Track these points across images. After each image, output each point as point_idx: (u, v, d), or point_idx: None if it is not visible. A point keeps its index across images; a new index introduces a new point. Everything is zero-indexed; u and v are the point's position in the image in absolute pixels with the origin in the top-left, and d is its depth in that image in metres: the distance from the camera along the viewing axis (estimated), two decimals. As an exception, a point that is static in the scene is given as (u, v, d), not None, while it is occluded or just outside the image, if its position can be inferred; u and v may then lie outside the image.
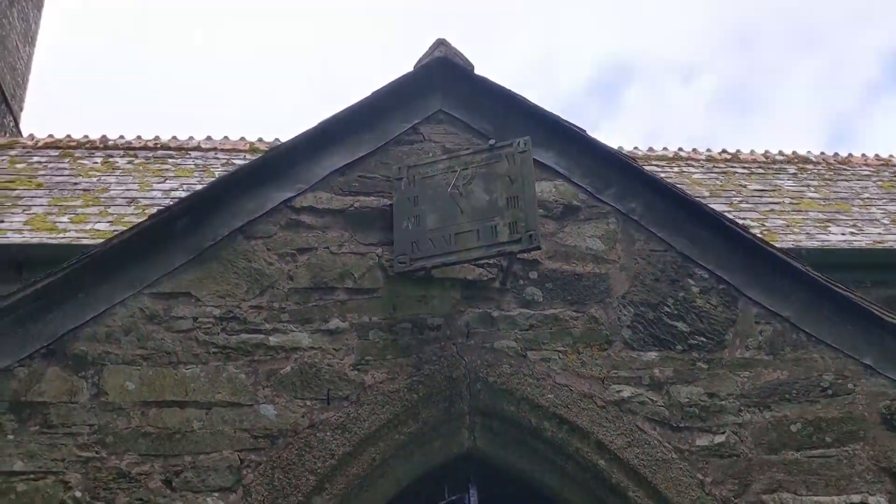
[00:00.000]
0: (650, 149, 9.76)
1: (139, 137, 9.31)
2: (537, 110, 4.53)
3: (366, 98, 4.47)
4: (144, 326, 3.87)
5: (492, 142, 4.20)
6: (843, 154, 10.06)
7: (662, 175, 8.68)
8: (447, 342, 4.00)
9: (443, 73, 4.56)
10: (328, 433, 3.77)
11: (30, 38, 16.05)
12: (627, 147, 9.76)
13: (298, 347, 3.92)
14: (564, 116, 4.52)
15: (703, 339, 4.13)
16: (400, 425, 3.87)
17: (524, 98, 4.57)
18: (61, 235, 6.66)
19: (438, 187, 4.13)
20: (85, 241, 6.46)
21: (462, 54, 4.64)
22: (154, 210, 7.49)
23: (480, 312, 4.08)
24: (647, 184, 4.45)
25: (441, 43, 4.59)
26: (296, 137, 4.46)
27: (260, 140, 9.82)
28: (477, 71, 4.58)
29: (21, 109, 15.39)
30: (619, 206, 4.36)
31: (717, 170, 9.23)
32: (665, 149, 9.74)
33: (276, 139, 9.91)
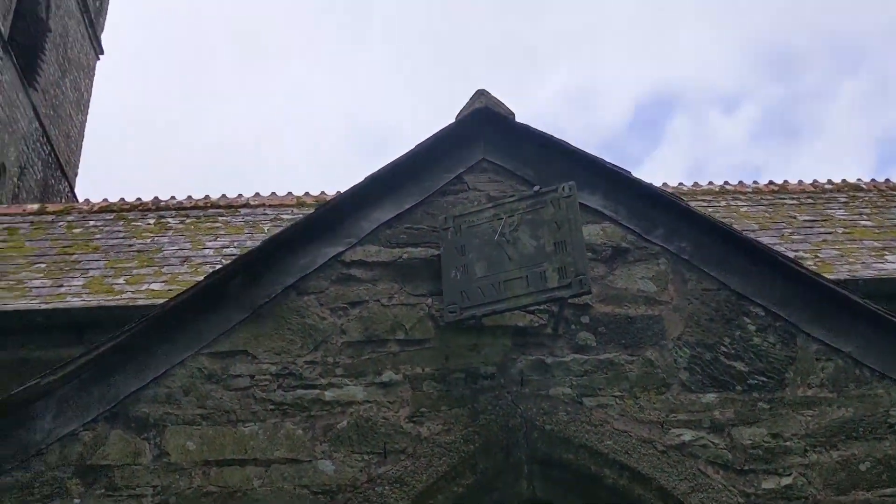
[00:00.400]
0: (695, 184, 9.70)
1: (190, 197, 9.56)
2: (580, 154, 4.55)
3: (410, 151, 4.54)
4: (203, 386, 3.93)
5: (536, 188, 4.22)
6: (895, 179, 9.87)
7: (710, 210, 8.61)
8: (501, 391, 3.99)
9: (484, 122, 4.62)
10: (386, 487, 3.76)
11: (82, 106, 16.70)
12: (672, 183, 9.72)
13: (353, 401, 3.94)
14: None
15: (762, 378, 4.04)
16: (458, 477, 3.85)
17: (566, 142, 4.60)
18: (118, 297, 6.82)
19: (485, 235, 4.15)
20: (141, 302, 6.62)
21: (502, 103, 4.69)
22: (207, 267, 7.66)
23: (533, 359, 4.06)
24: (695, 222, 4.42)
25: (482, 94, 4.66)
26: (343, 193, 4.55)
27: (306, 194, 10.01)
28: (516, 111, 4.63)
29: (76, 175, 15.97)
30: (669, 246, 4.33)
31: (765, 202, 9.11)
32: (711, 183, 9.66)
33: (322, 192, 10.11)
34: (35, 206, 9.52)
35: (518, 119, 4.67)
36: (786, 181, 9.68)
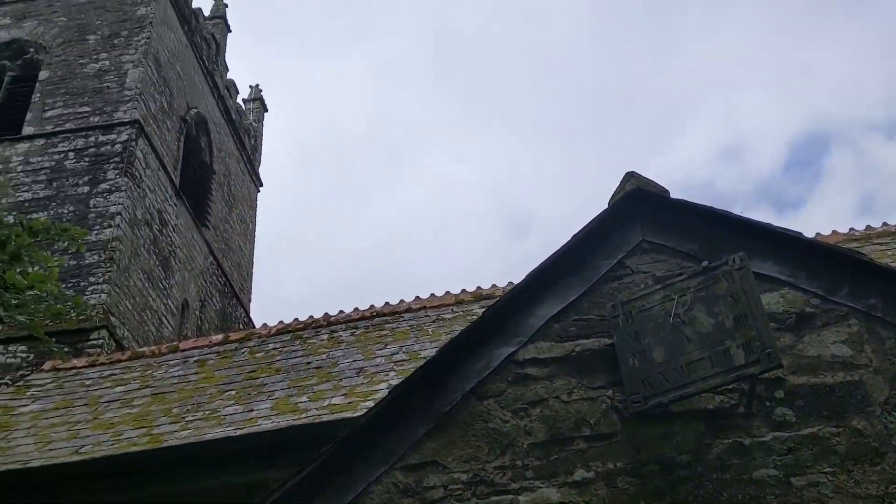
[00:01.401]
0: (868, 227, 9.11)
1: (356, 309, 9.97)
2: (743, 221, 4.42)
3: (567, 243, 4.57)
4: (400, 501, 4.01)
5: (705, 263, 4.12)
6: None
7: (889, 253, 8.04)
8: (701, 479, 3.81)
9: (638, 203, 4.59)
10: (595, 591, 3.64)
11: (248, 236, 18.03)
12: (842, 228, 9.20)
13: (549, 504, 3.89)
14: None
15: None
16: (668, 575, 3.68)
17: (727, 212, 4.49)
18: (304, 415, 7.11)
19: (658, 319, 4.07)
20: (325, 418, 6.87)
21: (654, 182, 4.67)
22: (381, 376, 7.90)
23: (730, 442, 3.87)
24: (881, 276, 4.15)
25: (632, 175, 4.65)
26: (508, 293, 4.62)
27: (463, 291, 10.21)
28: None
29: (249, 300, 17.10)
30: (858, 304, 4.07)
31: (951, 236, 8.41)
32: (885, 224, 9.05)
33: (478, 287, 10.28)
34: (219, 337, 10.20)
35: (671, 191, 4.62)
36: (972, 210, 8.91)
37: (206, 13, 19.01)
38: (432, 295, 10.34)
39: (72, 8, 15.87)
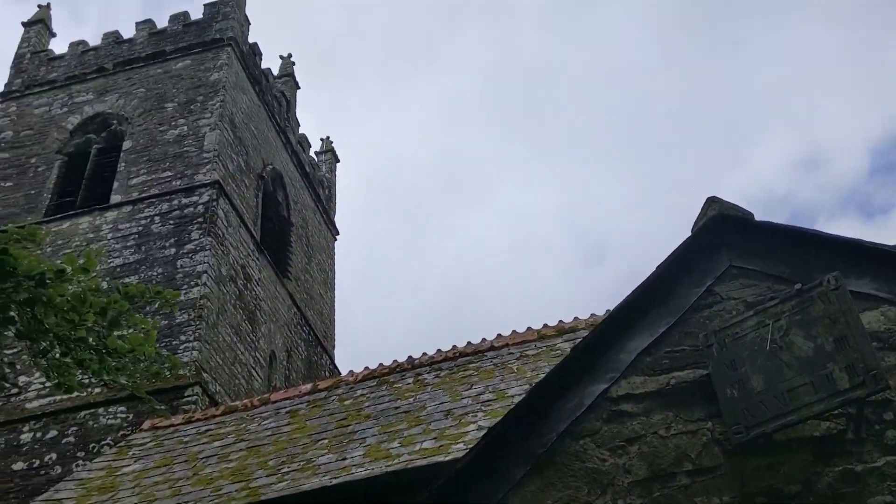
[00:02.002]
0: (966, 232, 8.69)
1: (439, 351, 9.99)
2: (835, 239, 4.29)
3: (652, 274, 4.51)
4: (502, 547, 3.98)
5: (798, 286, 4.01)
6: None
7: None
8: (814, 510, 3.67)
9: (723, 228, 4.51)
10: None
11: (328, 285, 18.36)
12: (937, 236, 8.81)
13: (655, 543, 3.79)
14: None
15: None
16: None
17: (816, 231, 4.38)
18: (396, 461, 7.13)
19: (754, 346, 3.97)
20: (418, 463, 6.87)
21: (736, 205, 4.58)
22: (469, 417, 7.87)
23: (840, 470, 3.72)
24: None
25: (713, 200, 4.58)
26: (594, 329, 4.57)
27: (545, 326, 10.12)
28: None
29: (333, 347, 17.35)
30: (966, 318, 3.89)
31: None
32: (985, 227, 8.62)
33: (560, 321, 10.18)
34: (308, 387, 10.34)
35: (750, 208, 4.52)
36: None
37: (275, 72, 19.68)
38: (514, 331, 10.27)
39: (149, 79, 16.67)
